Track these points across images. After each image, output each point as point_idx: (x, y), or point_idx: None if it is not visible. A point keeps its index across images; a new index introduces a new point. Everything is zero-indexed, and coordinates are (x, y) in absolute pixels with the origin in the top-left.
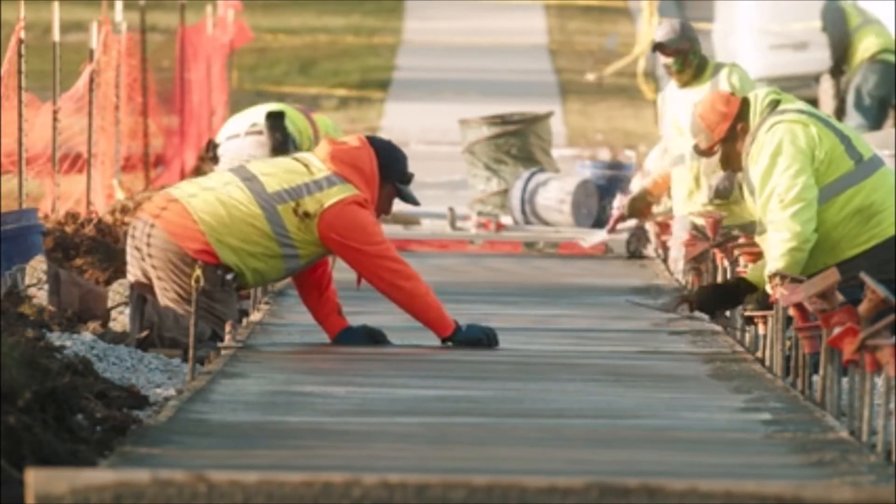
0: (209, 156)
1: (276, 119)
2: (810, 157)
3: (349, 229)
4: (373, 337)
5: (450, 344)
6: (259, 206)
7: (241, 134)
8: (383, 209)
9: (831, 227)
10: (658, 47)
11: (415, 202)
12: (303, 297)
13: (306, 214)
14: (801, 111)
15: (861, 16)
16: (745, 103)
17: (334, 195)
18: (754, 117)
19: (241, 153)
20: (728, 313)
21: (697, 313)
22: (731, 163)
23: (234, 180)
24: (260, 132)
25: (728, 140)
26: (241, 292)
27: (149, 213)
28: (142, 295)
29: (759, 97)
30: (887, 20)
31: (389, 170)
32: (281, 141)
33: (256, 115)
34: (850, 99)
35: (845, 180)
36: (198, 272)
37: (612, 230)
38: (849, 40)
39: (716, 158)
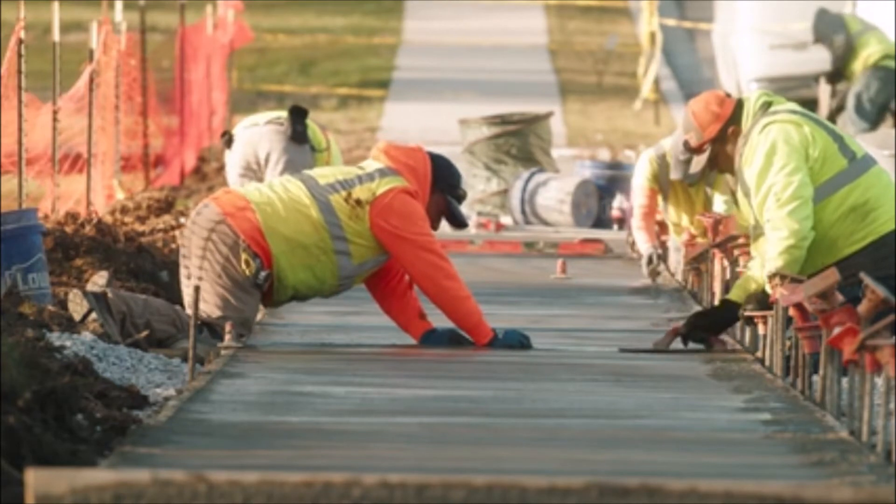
0: (223, 140)
1: (300, 113)
2: (804, 155)
3: (398, 217)
4: (457, 340)
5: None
6: (312, 197)
7: (260, 123)
8: (431, 220)
9: (828, 226)
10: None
11: (463, 223)
12: (383, 307)
13: (358, 202)
14: (792, 111)
15: (861, 23)
16: (739, 106)
17: (386, 184)
18: (747, 120)
19: (259, 139)
20: (724, 336)
21: (692, 345)
22: (719, 163)
23: (289, 179)
24: (281, 123)
25: (718, 141)
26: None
27: (206, 199)
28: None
29: (751, 100)
30: (887, 25)
31: (442, 178)
32: (301, 132)
33: (279, 112)
34: (851, 103)
35: (840, 178)
36: (246, 255)
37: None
38: (851, 46)
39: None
